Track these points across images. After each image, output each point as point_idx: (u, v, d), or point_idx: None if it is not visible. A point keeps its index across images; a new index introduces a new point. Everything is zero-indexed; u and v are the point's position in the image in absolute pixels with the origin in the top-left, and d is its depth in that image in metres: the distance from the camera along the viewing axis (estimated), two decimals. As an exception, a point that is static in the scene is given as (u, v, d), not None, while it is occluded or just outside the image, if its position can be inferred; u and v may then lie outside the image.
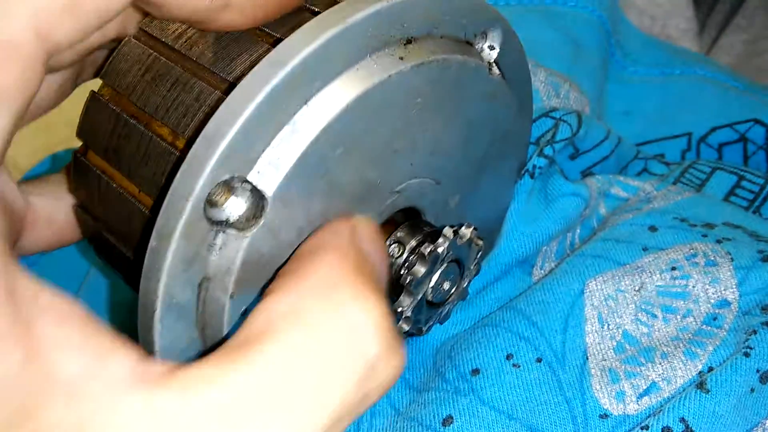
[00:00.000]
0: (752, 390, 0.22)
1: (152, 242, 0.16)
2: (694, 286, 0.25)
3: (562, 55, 0.36)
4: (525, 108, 0.26)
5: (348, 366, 0.15)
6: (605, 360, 0.24)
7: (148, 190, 0.19)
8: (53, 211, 0.22)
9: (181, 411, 0.13)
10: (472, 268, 0.24)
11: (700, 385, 0.22)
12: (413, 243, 0.22)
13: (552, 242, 0.29)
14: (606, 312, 0.25)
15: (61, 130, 0.22)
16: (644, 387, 0.22)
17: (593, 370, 0.23)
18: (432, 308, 0.23)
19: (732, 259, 0.26)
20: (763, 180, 0.33)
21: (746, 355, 0.22)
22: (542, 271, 0.29)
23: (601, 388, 0.23)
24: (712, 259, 0.26)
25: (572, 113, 0.31)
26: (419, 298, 0.22)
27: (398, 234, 0.22)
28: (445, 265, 0.23)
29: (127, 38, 0.21)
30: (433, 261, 0.22)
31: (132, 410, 0.13)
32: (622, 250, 0.27)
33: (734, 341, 0.23)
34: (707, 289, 0.25)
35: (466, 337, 0.26)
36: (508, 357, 0.25)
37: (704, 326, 0.24)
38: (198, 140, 0.16)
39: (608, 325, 0.25)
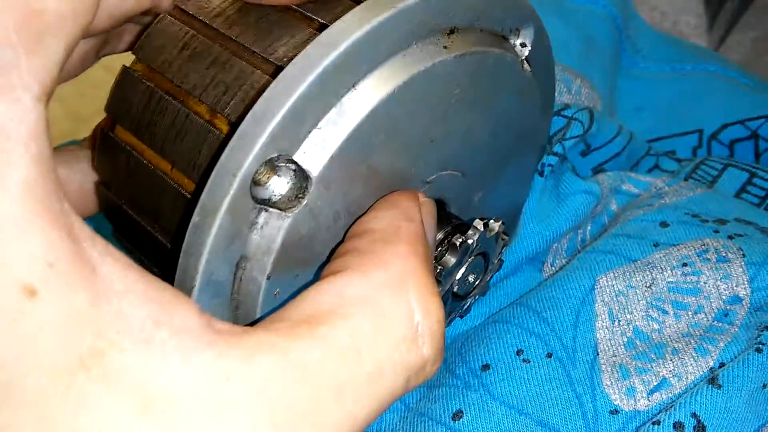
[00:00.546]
0: (764, 386, 0.22)
1: (195, 218, 0.16)
2: (705, 282, 0.25)
3: (574, 51, 0.36)
4: (548, 107, 0.26)
5: (404, 362, 0.16)
6: (616, 356, 0.24)
7: (183, 167, 0.19)
8: (68, 181, 0.22)
9: (247, 376, 0.13)
10: (495, 262, 0.24)
11: (712, 381, 0.22)
12: (440, 235, 0.22)
13: (563, 239, 0.29)
14: (617, 308, 0.25)
15: (63, 123, 0.22)
16: (655, 383, 0.22)
17: (604, 366, 0.23)
18: (456, 301, 0.24)
19: (744, 255, 0.25)
20: (774, 177, 0.32)
21: (758, 350, 0.22)
22: (553, 268, 0.29)
23: (611, 383, 0.23)
24: (724, 255, 0.26)
25: (584, 110, 0.31)
26: (446, 289, 0.22)
27: None
28: (473, 257, 0.23)
29: (162, 15, 0.20)
30: (464, 252, 0.22)
31: (201, 366, 0.13)
32: (633, 245, 0.27)
33: (746, 337, 0.23)
34: (719, 285, 0.25)
35: (477, 333, 0.26)
36: (519, 353, 0.24)
37: (716, 322, 0.24)
38: (247, 117, 0.16)
39: (619, 321, 0.25)
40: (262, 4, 0.19)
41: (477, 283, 0.24)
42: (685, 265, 0.26)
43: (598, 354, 0.24)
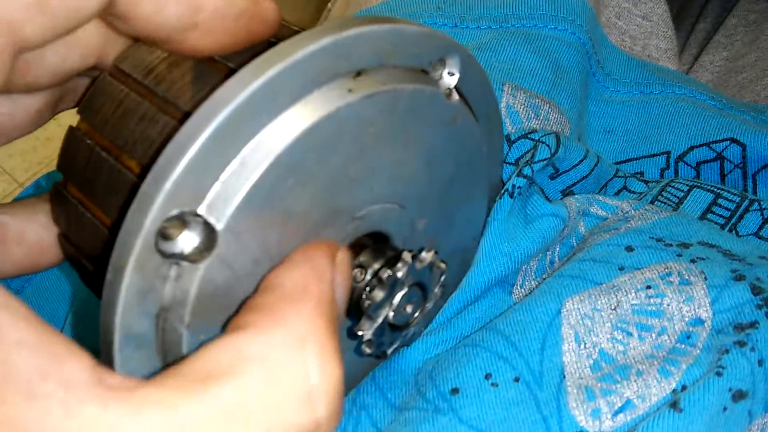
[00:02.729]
0: (725, 409, 0.22)
1: (108, 275, 0.17)
2: (668, 305, 0.26)
3: (542, 77, 0.36)
4: (494, 130, 0.26)
5: (297, 423, 0.16)
6: (582, 378, 0.24)
7: (119, 221, 0.20)
8: (25, 231, 0.22)
9: (132, 430, 0.14)
10: (436, 291, 0.24)
11: (674, 405, 0.22)
12: (376, 266, 0.23)
13: (531, 261, 0.30)
14: (583, 331, 0.26)
15: (59, 144, 0.23)
16: (619, 404, 0.23)
17: (570, 388, 0.24)
18: (396, 331, 0.24)
19: (705, 278, 0.26)
20: (739, 198, 0.33)
21: (718, 374, 0.22)
22: (522, 290, 0.29)
23: (577, 405, 0.23)
24: (687, 278, 0.26)
25: (551, 134, 0.31)
26: (380, 321, 0.23)
27: (361, 258, 0.23)
28: (405, 289, 0.23)
29: (102, 75, 0.21)
30: (392, 285, 0.22)
31: (86, 418, 0.13)
32: (599, 269, 0.28)
33: (707, 360, 0.23)
34: (681, 307, 0.25)
35: (447, 356, 0.27)
36: (487, 376, 0.25)
37: (678, 344, 0.24)
38: (147, 177, 0.17)
39: (585, 343, 0.25)
40: (188, 57, 0.20)
41: (417, 312, 0.24)
42: (649, 287, 0.26)
43: (564, 377, 0.24)
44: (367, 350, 0.23)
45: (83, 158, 0.21)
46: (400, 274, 0.22)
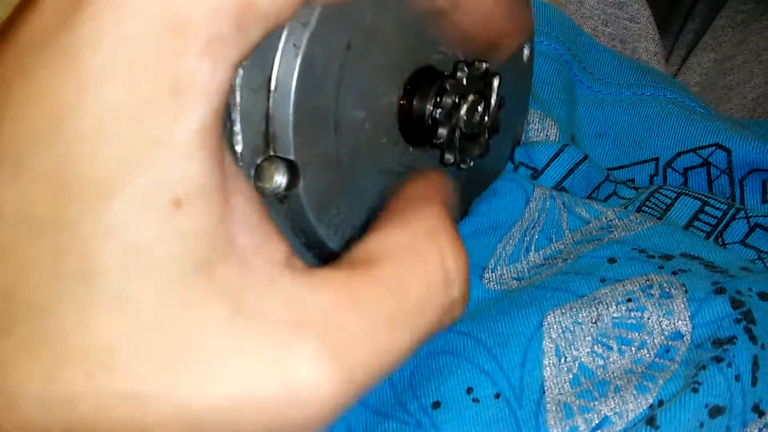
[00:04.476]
0: (701, 425, 0.22)
1: None
2: (648, 318, 0.26)
3: None
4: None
5: (439, 302, 0.19)
6: (561, 394, 0.24)
7: None
8: None
9: (317, 303, 0.17)
10: (495, 98, 0.26)
11: (650, 421, 0.22)
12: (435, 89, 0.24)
13: (507, 244, 0.30)
14: (563, 345, 0.26)
15: None
16: (597, 421, 0.23)
17: (549, 405, 0.24)
18: (469, 141, 0.25)
19: (686, 291, 0.26)
20: (725, 206, 0.33)
21: (695, 390, 0.23)
22: (494, 275, 0.29)
23: (555, 423, 0.23)
24: (667, 290, 0.26)
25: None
26: (453, 126, 0.24)
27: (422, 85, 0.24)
28: (470, 96, 0.24)
29: None
30: (455, 90, 0.24)
31: (282, 291, 0.16)
32: (581, 282, 0.28)
33: (684, 375, 0.24)
34: (661, 321, 0.26)
35: (427, 363, 0.27)
36: (468, 391, 0.25)
37: (657, 359, 0.25)
38: None
39: (565, 357, 0.25)
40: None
41: (484, 121, 0.25)
42: (629, 300, 0.26)
43: (544, 392, 0.25)
44: (449, 157, 0.25)
45: None
46: (461, 76, 0.24)
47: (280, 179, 0.20)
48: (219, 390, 0.15)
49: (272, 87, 0.19)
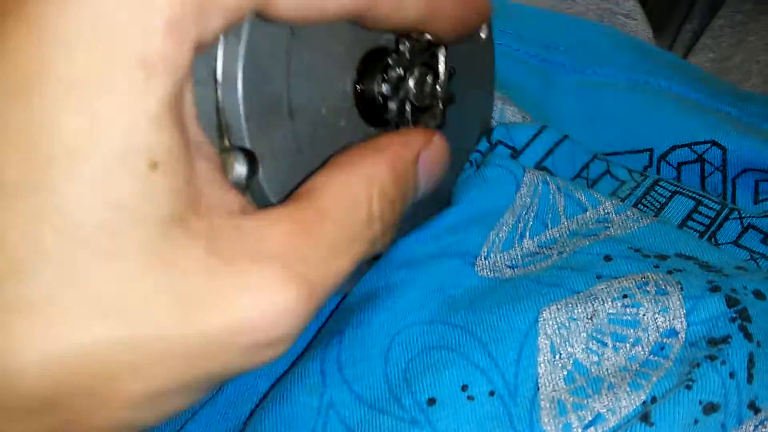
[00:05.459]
0: (696, 421, 0.22)
1: None
2: (644, 315, 0.26)
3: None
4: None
5: (366, 234, 0.21)
6: (555, 391, 0.24)
7: None
8: None
9: (273, 235, 0.19)
10: (443, 71, 0.25)
11: (644, 418, 0.22)
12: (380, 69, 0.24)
13: (501, 231, 0.30)
14: (558, 341, 0.26)
15: None
16: (590, 418, 0.23)
17: (543, 403, 0.24)
18: (424, 112, 0.25)
19: (682, 289, 0.26)
20: (719, 206, 0.33)
21: (688, 387, 0.23)
22: (488, 262, 0.29)
23: (548, 421, 0.23)
24: (663, 287, 0.26)
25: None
26: (402, 99, 0.24)
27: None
28: (416, 69, 0.24)
29: None
30: (399, 64, 0.24)
31: (245, 230, 0.19)
32: (577, 278, 0.28)
33: (678, 372, 0.24)
34: (656, 318, 0.26)
35: (422, 358, 0.26)
36: (464, 388, 0.25)
37: (651, 356, 0.25)
38: None
39: (560, 354, 0.25)
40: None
41: (435, 91, 0.25)
42: (625, 296, 0.26)
43: (538, 389, 0.24)
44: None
45: None
46: (406, 53, 0.24)
47: (240, 169, 0.20)
48: (208, 322, 0.17)
49: (219, 78, 0.19)
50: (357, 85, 0.24)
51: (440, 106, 0.26)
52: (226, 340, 0.18)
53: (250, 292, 0.18)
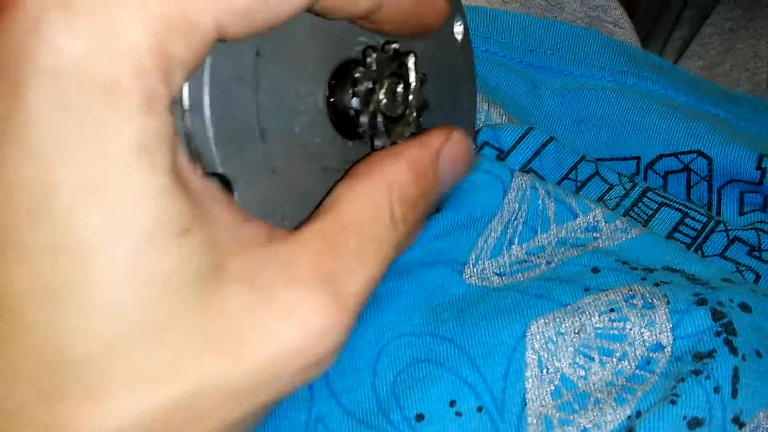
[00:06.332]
0: (680, 436, 0.23)
1: None
2: (631, 329, 0.26)
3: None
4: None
5: (391, 236, 0.21)
6: (542, 406, 0.24)
7: None
8: None
9: (303, 256, 0.19)
10: (415, 78, 0.25)
11: (629, 433, 0.23)
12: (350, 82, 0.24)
13: (489, 238, 0.30)
14: (546, 356, 0.26)
15: None
16: (576, 433, 0.23)
17: (530, 419, 0.24)
18: (398, 121, 0.25)
19: (668, 302, 0.26)
20: (705, 218, 0.34)
21: (673, 402, 0.23)
22: (476, 269, 0.29)
23: None
24: (650, 301, 0.27)
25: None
26: (373, 112, 0.24)
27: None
28: (386, 80, 0.24)
29: None
30: (367, 77, 0.23)
31: (277, 257, 0.19)
32: (565, 290, 0.28)
33: (663, 387, 0.24)
34: (643, 332, 0.26)
35: (410, 372, 0.27)
36: (452, 404, 0.25)
37: (638, 371, 0.25)
38: None
39: (547, 369, 0.26)
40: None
41: (408, 100, 0.25)
42: (612, 310, 0.27)
43: (526, 404, 0.25)
44: (379, 144, 0.24)
45: None
46: (373, 65, 0.23)
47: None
48: (255, 359, 0.18)
49: (185, 105, 0.19)
50: (330, 100, 0.24)
51: (414, 114, 0.25)
52: (275, 370, 0.18)
53: (290, 318, 0.18)
